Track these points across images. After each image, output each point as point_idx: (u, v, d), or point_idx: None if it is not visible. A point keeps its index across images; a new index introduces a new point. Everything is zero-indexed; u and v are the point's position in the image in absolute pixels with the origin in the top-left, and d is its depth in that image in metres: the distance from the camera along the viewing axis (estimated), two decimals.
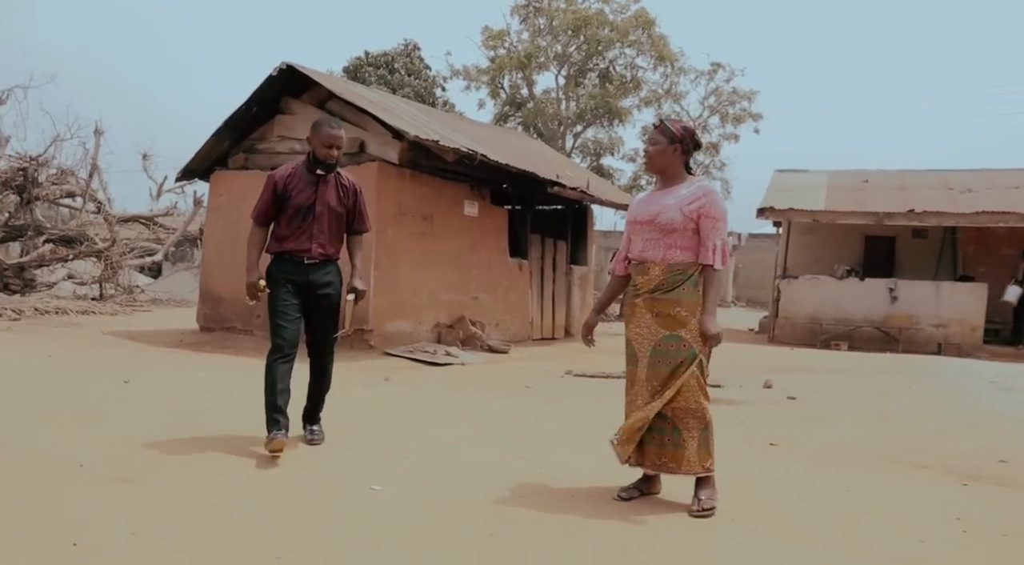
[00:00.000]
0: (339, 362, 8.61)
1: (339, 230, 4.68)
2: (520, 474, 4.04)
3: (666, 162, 3.61)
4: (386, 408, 5.96)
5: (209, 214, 11.23)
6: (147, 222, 18.97)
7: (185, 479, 3.69)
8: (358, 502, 3.46)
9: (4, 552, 2.70)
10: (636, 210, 3.68)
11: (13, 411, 4.98)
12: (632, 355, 3.62)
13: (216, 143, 10.69)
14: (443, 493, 3.65)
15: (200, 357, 8.60)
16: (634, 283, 3.63)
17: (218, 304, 10.73)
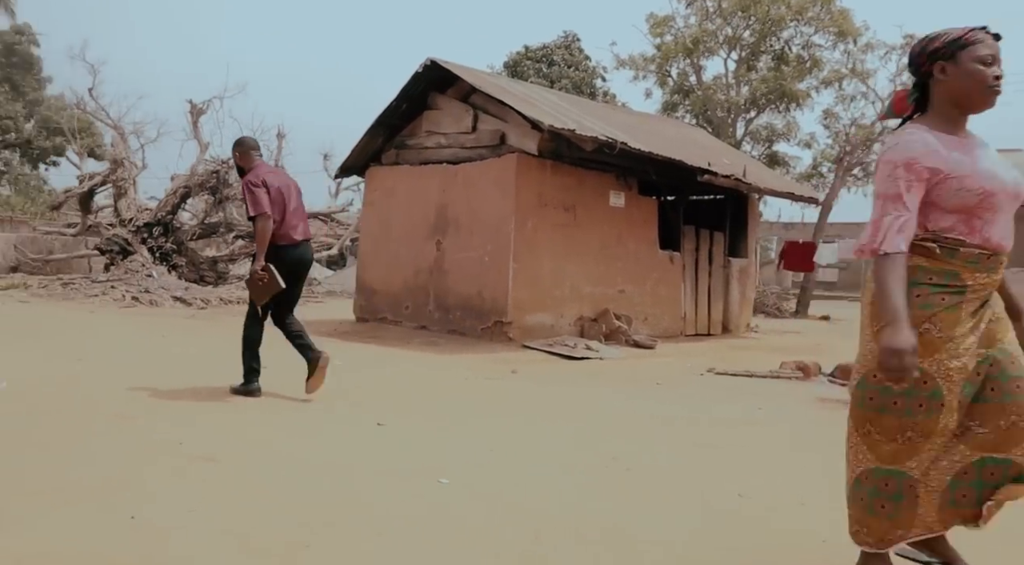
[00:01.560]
0: (474, 354, 8.72)
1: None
2: (606, 475, 3.75)
3: None
4: (495, 401, 5.82)
5: (364, 209, 11.68)
6: (325, 218, 20.22)
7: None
8: (424, 494, 3.33)
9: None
10: (987, 170, 2.27)
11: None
12: (933, 398, 2.26)
13: (370, 140, 11.09)
14: (512, 492, 3.44)
15: (344, 345, 8.91)
16: (969, 283, 2.29)
17: (372, 296, 11.14)
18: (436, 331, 10.08)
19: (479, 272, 9.59)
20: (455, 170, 10.06)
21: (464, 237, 9.84)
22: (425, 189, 10.41)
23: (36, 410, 4.67)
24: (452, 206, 10.04)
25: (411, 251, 10.52)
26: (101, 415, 4.59)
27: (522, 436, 4.65)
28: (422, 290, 10.36)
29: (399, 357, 8.11)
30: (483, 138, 9.83)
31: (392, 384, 6.36)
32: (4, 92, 28.88)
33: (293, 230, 5.32)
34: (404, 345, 9.06)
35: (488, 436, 4.57)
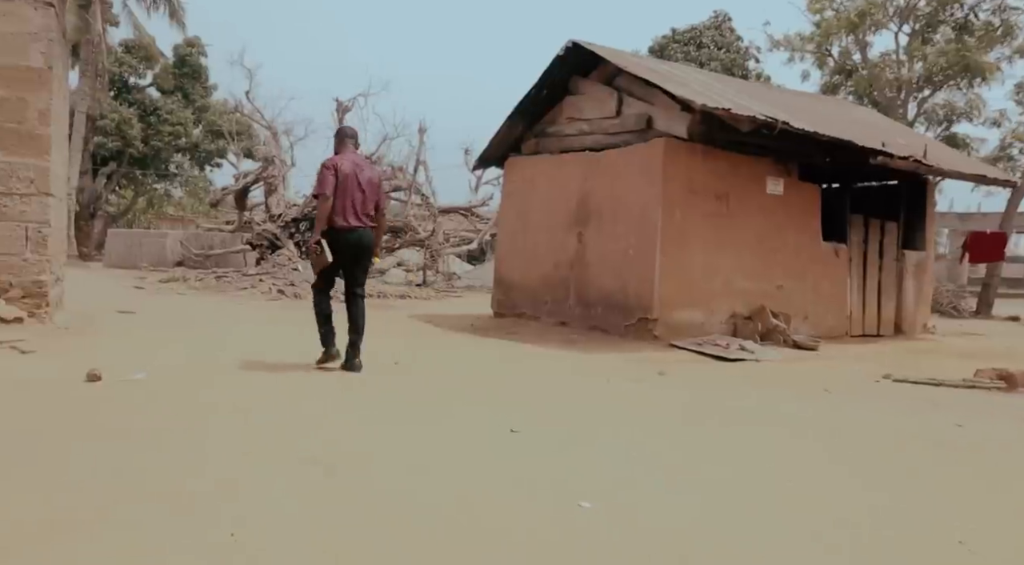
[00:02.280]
0: (617, 353, 8.13)
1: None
2: (750, 497, 3.08)
3: None
4: (642, 407, 5.21)
5: (503, 201, 11.33)
6: (465, 213, 20.19)
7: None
8: (560, 518, 2.81)
9: None
10: None
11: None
12: None
13: (509, 129, 10.71)
14: (669, 522, 2.85)
15: (480, 342, 8.57)
16: None
17: (510, 290, 10.77)
18: (576, 328, 9.56)
19: (623, 265, 8.98)
20: (598, 158, 9.48)
21: (607, 228, 9.26)
22: (566, 178, 9.91)
23: (170, 402, 4.54)
24: (594, 196, 9.48)
25: (551, 243, 10.06)
26: (229, 410, 4.39)
27: (677, 452, 4.03)
28: (562, 284, 9.87)
29: (537, 356, 7.65)
30: (628, 123, 9.19)
31: (529, 386, 5.89)
32: (177, 100, 31.00)
33: (348, 215, 5.61)
34: (542, 342, 8.60)
35: (637, 451, 3.99)
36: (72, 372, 5.11)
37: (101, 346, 6.35)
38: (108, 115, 26.95)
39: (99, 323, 7.92)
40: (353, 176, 5.59)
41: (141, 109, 29.40)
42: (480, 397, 5.24)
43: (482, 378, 6.05)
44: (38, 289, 6.86)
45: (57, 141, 7.42)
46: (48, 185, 6.87)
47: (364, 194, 5.66)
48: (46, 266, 6.92)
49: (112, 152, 28.79)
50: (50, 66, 6.83)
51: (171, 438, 3.74)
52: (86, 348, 6.18)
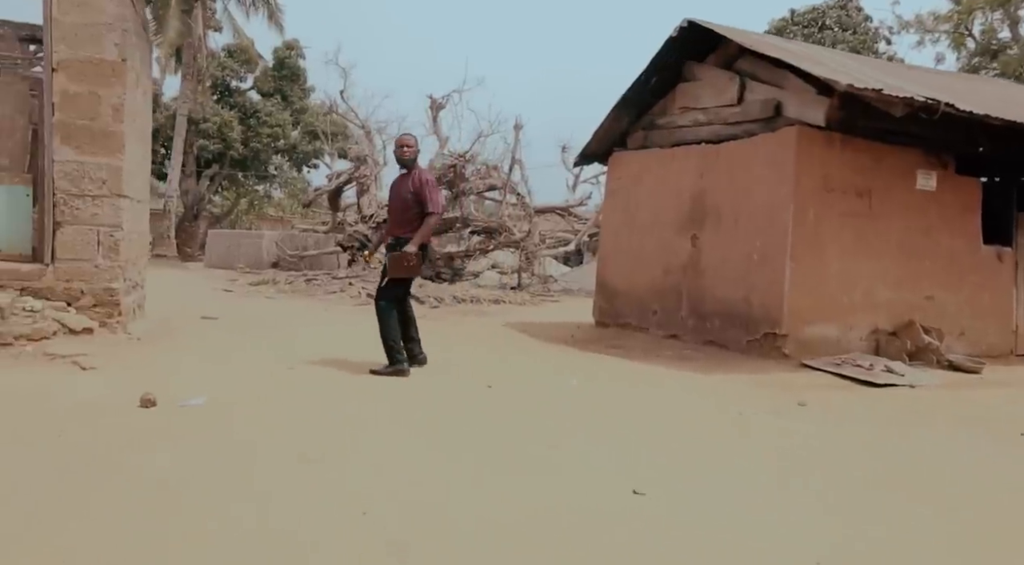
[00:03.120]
0: (740, 374, 7.06)
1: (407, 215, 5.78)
2: None
3: None
4: (796, 458, 4.19)
5: (607, 199, 10.39)
6: (563, 213, 19.28)
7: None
8: None
9: None
10: None
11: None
12: None
13: (614, 122, 9.76)
14: None
15: (582, 357, 7.67)
16: None
17: (613, 297, 9.82)
18: (690, 342, 8.52)
19: (745, 272, 7.89)
20: (716, 151, 8.42)
21: (726, 230, 8.19)
22: (678, 174, 8.88)
23: (222, 442, 3.86)
24: (712, 193, 8.42)
25: (661, 247, 9.05)
26: (292, 459, 3.66)
27: (870, 543, 3.03)
28: (673, 292, 8.85)
29: (647, 375, 6.70)
30: (752, 110, 8.09)
31: (646, 418, 4.95)
32: (276, 103, 31.40)
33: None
34: (652, 359, 7.63)
35: (815, 535, 3.01)
36: (127, 395, 4.53)
37: (169, 361, 5.80)
38: (210, 118, 27.43)
39: (176, 332, 7.46)
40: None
41: (242, 112, 29.87)
42: (589, 435, 4.35)
43: (589, 407, 5.15)
44: (110, 297, 6.39)
45: (135, 139, 6.97)
46: (121, 186, 6.39)
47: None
48: (119, 273, 6.45)
49: (214, 154, 29.35)
50: (124, 58, 6.35)
51: (210, 502, 3.02)
52: (153, 363, 5.63)
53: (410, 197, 5.73)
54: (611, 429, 4.55)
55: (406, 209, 5.76)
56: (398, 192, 5.90)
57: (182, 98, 23.25)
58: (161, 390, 4.76)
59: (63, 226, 6.27)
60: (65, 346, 5.67)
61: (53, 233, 6.25)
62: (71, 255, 6.28)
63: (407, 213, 5.76)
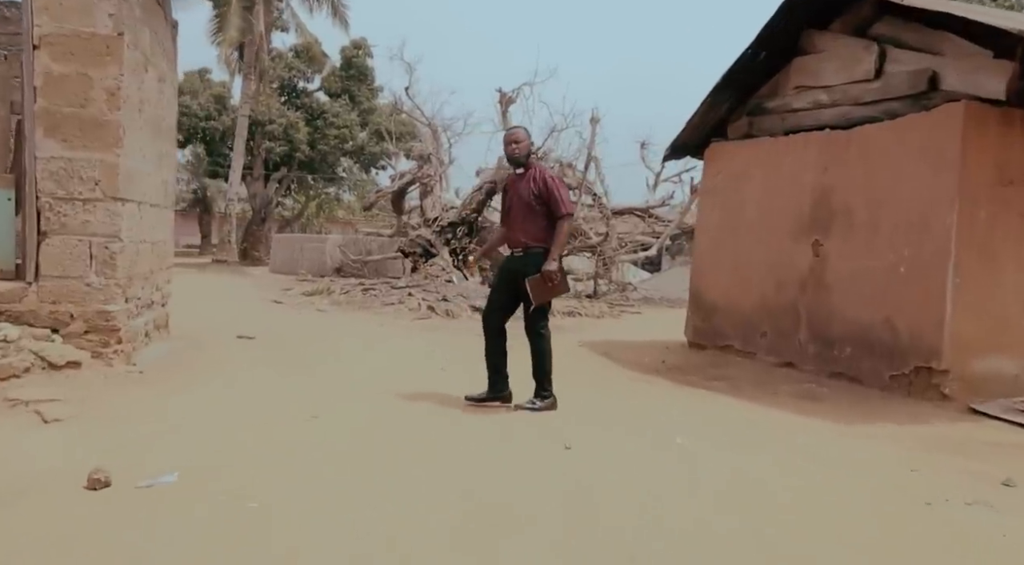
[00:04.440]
0: (894, 425, 5.43)
1: (533, 221, 4.92)
2: None
3: None
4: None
5: (702, 198, 8.86)
6: (642, 214, 17.68)
7: None
8: None
9: None
10: None
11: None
12: None
13: (711, 107, 8.24)
14: None
15: (677, 393, 6.20)
16: None
17: (711, 314, 8.30)
18: (810, 373, 6.94)
19: (887, 288, 6.27)
20: (845, 138, 6.82)
21: (861, 236, 6.58)
22: (795, 167, 7.31)
23: (202, 530, 2.59)
24: (840, 190, 6.83)
25: (772, 256, 7.50)
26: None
27: None
28: (789, 311, 7.28)
29: (770, 426, 5.19)
30: (896, 85, 6.45)
31: (801, 519, 3.43)
32: (343, 103, 30.71)
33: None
34: (768, 398, 6.10)
35: None
36: (81, 465, 3.32)
37: (164, 407, 4.60)
38: (276, 120, 26.85)
39: (196, 359, 6.32)
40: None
41: (308, 113, 29.26)
42: (710, 544, 2.90)
43: (712, 496, 3.68)
44: (105, 322, 5.26)
45: (143, 131, 5.85)
46: (117, 187, 5.26)
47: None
48: (116, 292, 5.31)
49: (281, 157, 28.83)
50: (121, 31, 5.21)
51: None
52: (141, 412, 4.44)
53: (533, 200, 4.93)
54: (760, 545, 3.09)
55: (529, 213, 4.96)
56: (516, 194, 5.07)
57: (244, 98, 22.60)
58: (131, 457, 3.56)
59: (49, 236, 5.18)
60: (36, 387, 4.54)
61: (37, 245, 5.16)
62: (58, 271, 5.18)
63: (532, 218, 4.95)
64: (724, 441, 4.63)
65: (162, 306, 6.90)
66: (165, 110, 6.69)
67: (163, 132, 6.63)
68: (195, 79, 30.04)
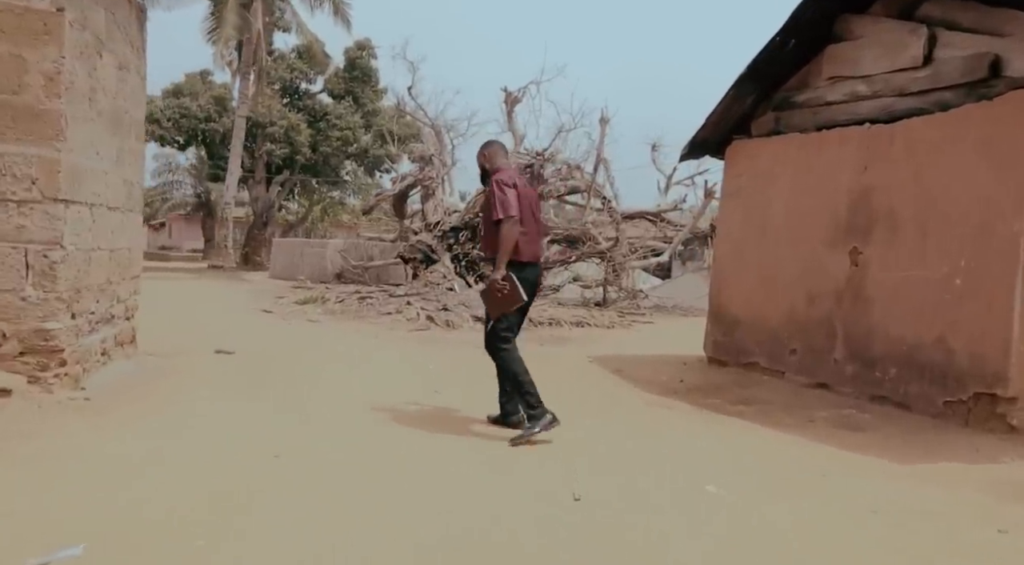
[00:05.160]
0: (957, 463, 4.56)
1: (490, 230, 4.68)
2: None
3: None
4: None
5: (723, 201, 8.12)
6: (653, 218, 16.93)
7: None
8: None
9: None
10: None
11: None
12: None
13: (733, 102, 7.51)
14: None
15: (701, 423, 5.45)
16: None
17: (733, 328, 7.56)
18: (848, 395, 6.19)
19: (940, 303, 5.53)
20: (888, 133, 6.08)
21: (907, 243, 5.84)
22: (829, 166, 6.58)
23: None
24: (882, 192, 6.09)
25: (803, 264, 6.76)
26: None
27: None
28: (822, 326, 6.53)
29: (808, 461, 4.46)
30: (948, 72, 5.71)
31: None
32: (347, 105, 30.09)
33: (536, 246, 4.76)
34: (803, 426, 5.37)
35: None
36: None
37: (97, 447, 3.88)
38: (277, 122, 26.24)
39: (159, 380, 5.62)
40: (533, 199, 4.78)
41: (310, 115, 28.64)
42: None
43: (747, 556, 2.96)
44: (43, 342, 4.56)
45: (95, 124, 5.16)
46: (59, 187, 4.56)
47: (539, 220, 4.83)
48: (57, 308, 4.62)
49: (283, 159, 28.22)
50: (61, 7, 4.52)
51: None
52: (68, 452, 3.74)
53: (488, 209, 4.72)
54: None
55: (488, 223, 4.72)
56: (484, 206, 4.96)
57: (241, 98, 21.96)
58: (30, 519, 2.86)
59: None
60: None
61: None
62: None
63: (489, 228, 4.71)
64: (764, 488, 3.90)
65: (126, 320, 6.21)
66: (129, 102, 6.00)
67: (126, 126, 5.94)
68: (196, 81, 29.50)
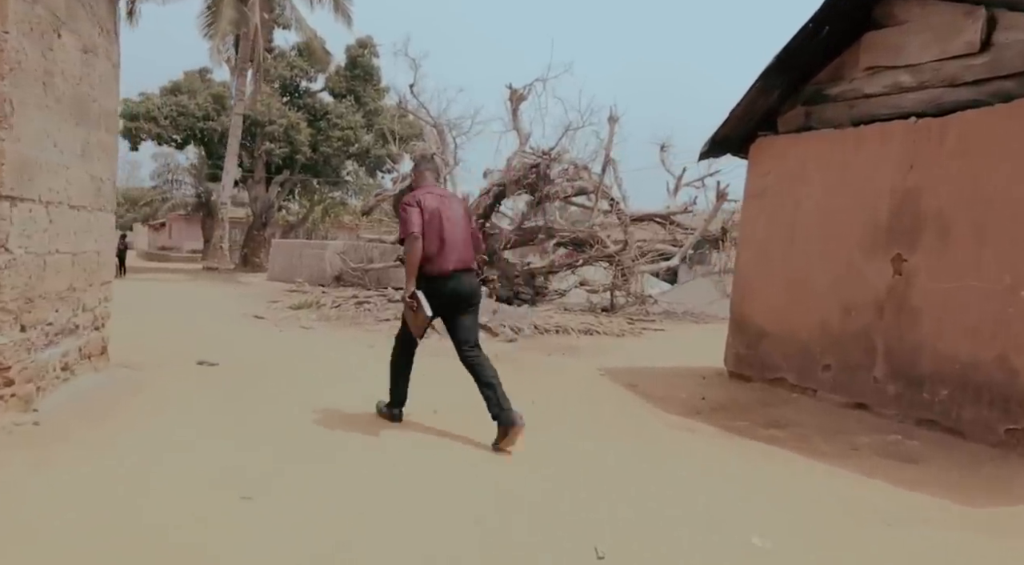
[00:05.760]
0: (1015, 504, 3.96)
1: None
2: None
3: None
4: None
5: (747, 202, 7.52)
6: (662, 221, 16.32)
7: None
8: None
9: None
10: None
11: None
12: None
13: (759, 96, 6.92)
14: None
15: (730, 451, 4.85)
16: None
17: (758, 340, 6.97)
18: (892, 418, 5.60)
19: (1002, 317, 4.94)
20: (938, 127, 5.49)
21: (961, 250, 5.25)
22: (867, 165, 5.99)
23: None
24: (929, 192, 5.50)
25: (836, 272, 6.17)
26: None
27: None
28: (859, 340, 5.94)
29: (863, 501, 3.86)
30: (1010, 58, 5.12)
31: None
32: (348, 104, 29.51)
33: (443, 260, 4.57)
34: (845, 454, 4.79)
35: None
36: None
37: (19, 498, 3.30)
38: (276, 120, 25.67)
39: (125, 399, 5.03)
40: (439, 212, 4.66)
41: (311, 114, 28.07)
42: None
43: None
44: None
45: (49, 110, 4.59)
46: (0, 181, 3.98)
47: (457, 231, 4.73)
48: (5, 321, 4.03)
49: (282, 159, 27.64)
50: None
51: None
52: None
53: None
54: None
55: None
56: None
57: (237, 95, 21.39)
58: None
59: None
60: None
61: None
62: None
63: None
64: (822, 542, 3.30)
65: (95, 330, 5.62)
66: (97, 90, 5.42)
67: (93, 117, 5.36)
68: (195, 79, 28.95)
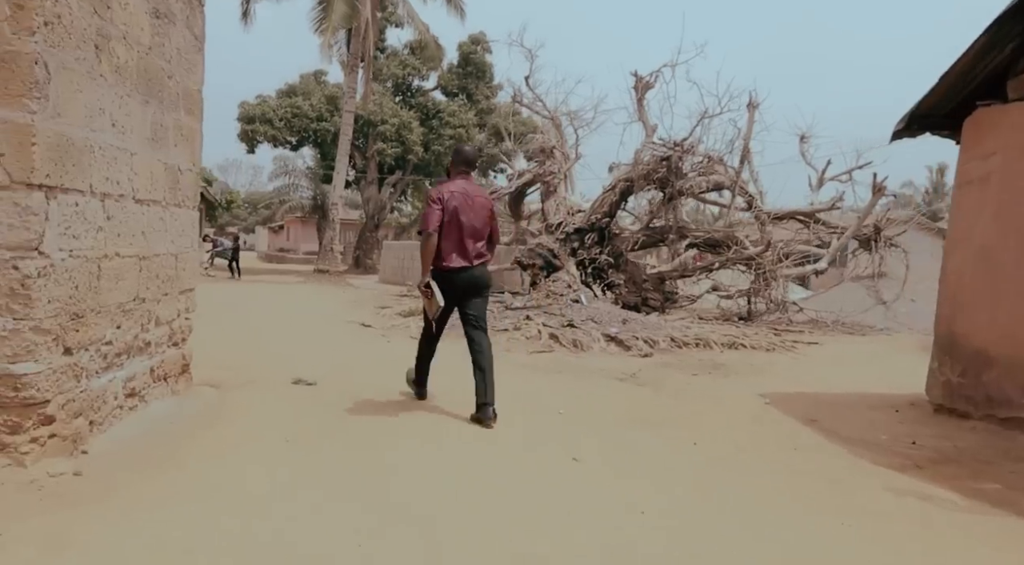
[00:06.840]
0: None
1: None
2: None
3: None
4: None
5: (960, 192, 5.99)
6: (806, 219, 14.58)
7: None
8: None
9: None
10: None
11: None
12: None
13: (983, 54, 5.42)
14: None
15: (1000, 547, 3.44)
16: None
17: (980, 368, 5.45)
18: None
19: None
20: None
21: None
22: None
23: None
24: None
25: None
26: None
27: None
28: None
29: None
30: None
31: None
32: (460, 102, 28.94)
33: (456, 255, 4.87)
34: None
35: None
36: None
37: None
38: (388, 120, 25.28)
39: (202, 434, 4.14)
40: (459, 211, 4.81)
41: (423, 113, 27.61)
42: None
43: None
44: (12, 392, 3.14)
45: (110, 82, 3.73)
46: (32, 165, 3.12)
47: (475, 227, 4.90)
48: (35, 342, 3.18)
49: (395, 159, 27.30)
50: None
51: None
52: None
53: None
54: None
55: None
56: None
57: (348, 92, 20.99)
58: None
59: None
60: None
61: None
62: None
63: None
64: None
65: (173, 347, 4.80)
66: (174, 64, 4.59)
67: (168, 95, 4.52)
68: (310, 80, 29.08)
